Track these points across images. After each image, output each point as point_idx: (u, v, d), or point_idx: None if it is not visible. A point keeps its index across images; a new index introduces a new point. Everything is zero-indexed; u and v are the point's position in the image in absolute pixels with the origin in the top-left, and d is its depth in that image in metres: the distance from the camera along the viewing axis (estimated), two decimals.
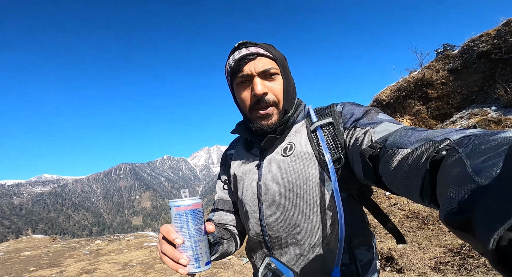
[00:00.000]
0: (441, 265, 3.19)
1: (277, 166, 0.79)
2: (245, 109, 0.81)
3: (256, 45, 0.78)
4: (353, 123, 0.71)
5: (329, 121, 0.76)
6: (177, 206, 0.59)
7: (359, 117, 0.72)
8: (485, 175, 0.25)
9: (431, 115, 10.06)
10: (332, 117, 0.77)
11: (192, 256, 0.58)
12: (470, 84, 9.04)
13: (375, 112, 0.72)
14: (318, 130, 0.76)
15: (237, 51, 0.79)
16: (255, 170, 0.84)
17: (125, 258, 5.26)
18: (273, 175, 0.79)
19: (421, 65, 11.07)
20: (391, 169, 0.51)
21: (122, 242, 7.28)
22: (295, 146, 0.78)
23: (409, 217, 4.80)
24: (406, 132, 0.54)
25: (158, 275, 3.94)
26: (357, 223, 0.78)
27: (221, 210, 0.96)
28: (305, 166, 0.74)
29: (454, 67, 9.63)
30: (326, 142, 0.74)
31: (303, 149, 0.76)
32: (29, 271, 4.60)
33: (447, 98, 9.63)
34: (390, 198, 6.44)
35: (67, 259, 5.53)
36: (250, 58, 0.76)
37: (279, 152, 0.81)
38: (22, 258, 5.77)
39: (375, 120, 0.67)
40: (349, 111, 0.76)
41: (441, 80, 9.85)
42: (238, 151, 0.96)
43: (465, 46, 9.54)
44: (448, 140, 0.41)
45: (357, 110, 0.75)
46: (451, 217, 0.26)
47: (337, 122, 0.75)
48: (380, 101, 12.26)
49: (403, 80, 11.29)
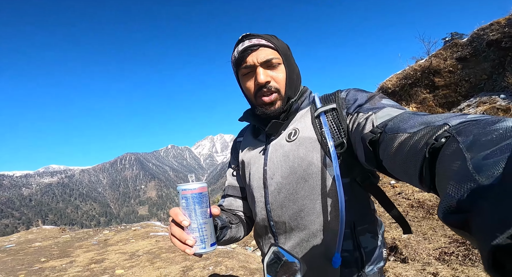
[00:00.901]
0: (445, 255, 3.19)
1: (281, 151, 0.81)
2: (251, 97, 0.85)
3: (258, 37, 0.80)
4: (356, 109, 0.72)
5: (332, 107, 0.77)
6: (184, 190, 0.62)
7: (362, 103, 0.72)
8: (486, 174, 0.24)
9: (437, 103, 9.91)
10: (336, 103, 0.78)
11: (198, 238, 0.61)
12: (479, 72, 8.85)
13: (379, 98, 0.72)
14: (322, 116, 0.78)
15: (241, 43, 0.82)
16: (261, 156, 0.87)
17: (132, 248, 5.36)
18: (278, 160, 0.81)
19: (428, 54, 10.83)
20: (390, 153, 0.51)
21: (129, 232, 7.41)
22: (299, 131, 0.80)
23: (414, 206, 4.79)
24: (407, 116, 0.54)
25: (164, 264, 4.01)
26: (361, 209, 0.78)
27: (231, 196, 0.99)
28: (308, 151, 0.76)
29: (462, 55, 9.42)
30: (329, 127, 0.75)
31: (307, 134, 0.78)
32: (40, 261, 4.72)
33: (454, 86, 9.45)
34: (395, 186, 6.42)
35: (76, 249, 5.65)
36: (253, 49, 0.79)
37: (284, 138, 0.83)
38: (33, 249, 5.91)
39: (378, 105, 0.68)
40: (353, 97, 0.76)
41: (448, 69, 9.65)
42: (246, 138, 0.99)
43: (474, 35, 9.31)
44: (447, 125, 0.41)
45: (361, 96, 0.75)
46: (449, 215, 0.26)
47: (340, 108, 0.76)
48: (385, 90, 12.08)
49: (409, 69, 11.08)
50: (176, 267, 3.86)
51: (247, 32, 0.82)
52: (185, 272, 3.61)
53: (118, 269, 3.97)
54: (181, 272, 3.64)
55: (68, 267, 4.28)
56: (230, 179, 1.03)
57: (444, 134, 0.39)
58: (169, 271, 3.71)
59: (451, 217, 0.26)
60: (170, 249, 4.96)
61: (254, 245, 5.83)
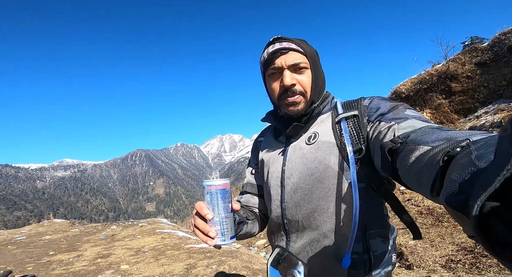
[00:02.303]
0: (452, 263, 3.10)
1: (300, 153, 0.85)
2: (274, 98, 0.87)
3: (289, 41, 0.84)
4: (378, 117, 0.74)
5: (354, 113, 0.79)
6: (209, 186, 0.67)
7: (385, 112, 0.73)
8: (484, 159, 0.28)
9: (453, 110, 9.65)
10: (358, 110, 0.79)
11: (220, 230, 0.66)
12: (499, 78, 8.58)
13: (403, 108, 0.72)
14: (343, 121, 0.80)
15: (272, 45, 0.85)
16: (280, 156, 0.91)
17: (138, 244, 5.42)
18: (296, 161, 0.85)
19: (445, 58, 10.57)
20: (408, 163, 0.51)
21: (136, 228, 7.51)
22: (318, 135, 0.83)
23: (423, 213, 4.68)
24: (430, 130, 0.54)
25: (168, 262, 4.04)
26: (374, 213, 0.79)
27: (249, 193, 1.04)
28: (326, 154, 0.79)
29: (482, 60, 9.15)
30: (349, 133, 0.77)
31: (326, 138, 0.81)
32: (49, 255, 4.83)
33: (472, 92, 9.19)
34: (405, 193, 6.29)
35: (84, 243, 5.76)
36: (282, 52, 0.82)
37: (304, 140, 0.86)
38: (43, 242, 6.06)
39: (401, 115, 0.69)
40: (375, 105, 0.78)
41: (466, 74, 9.39)
42: (267, 138, 1.04)
43: (496, 39, 9.05)
44: (468, 140, 0.41)
45: (384, 105, 0.76)
46: (451, 197, 0.29)
47: (362, 115, 0.78)
48: (399, 94, 11.86)
49: (425, 73, 10.85)
50: (180, 264, 3.88)
51: (278, 35, 0.86)
52: (188, 270, 3.62)
53: (123, 264, 4.03)
54: (184, 269, 3.66)
55: (75, 261, 4.36)
56: (249, 177, 1.07)
57: (461, 144, 0.40)
58: (173, 268, 3.73)
59: (452, 198, 0.29)
60: (175, 247, 4.99)
61: (258, 245, 5.82)
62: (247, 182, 1.07)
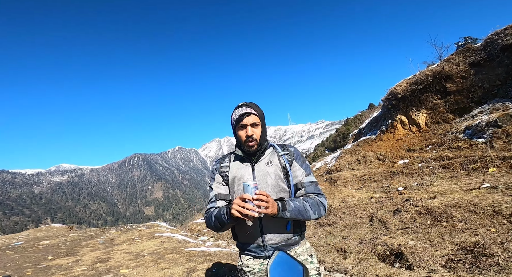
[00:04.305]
0: (452, 263, 3.11)
1: (264, 170, 1.47)
2: (241, 141, 1.46)
3: (249, 107, 1.44)
4: (298, 161, 1.53)
5: (286, 153, 1.53)
6: (247, 185, 1.19)
7: (300, 160, 1.54)
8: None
9: (449, 110, 9.72)
10: (289, 152, 1.54)
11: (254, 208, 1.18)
12: (493, 78, 8.66)
13: (307, 163, 1.58)
14: (283, 156, 1.51)
15: (240, 108, 1.44)
16: (250, 173, 1.48)
17: (137, 248, 5.40)
18: (262, 176, 1.46)
19: (440, 58, 10.66)
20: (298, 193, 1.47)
21: (134, 232, 7.48)
22: (272, 162, 1.50)
23: (422, 213, 4.70)
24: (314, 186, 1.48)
25: (168, 265, 4.03)
26: None
27: (222, 200, 1.50)
28: (278, 172, 1.47)
29: (475, 60, 9.24)
30: (287, 161, 1.50)
31: (277, 163, 1.49)
32: (47, 259, 4.79)
33: (467, 92, 9.27)
34: (403, 193, 6.31)
35: (83, 248, 5.73)
36: (247, 114, 1.41)
37: (264, 163, 1.50)
38: (41, 247, 6.02)
39: (307, 170, 1.53)
40: (297, 153, 1.56)
41: (461, 74, 9.47)
42: (234, 164, 1.55)
43: (488, 39, 9.13)
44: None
45: (299, 155, 1.56)
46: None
47: (291, 155, 1.53)
48: (395, 95, 11.93)
49: (420, 74, 10.93)
50: (180, 268, 3.87)
51: (243, 102, 1.47)
52: (188, 273, 3.61)
53: (123, 268, 4.00)
54: (184, 273, 3.64)
55: (74, 265, 4.33)
56: (218, 190, 1.54)
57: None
58: (173, 272, 3.72)
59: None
60: (175, 250, 4.97)
61: None
62: (219, 192, 1.52)
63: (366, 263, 3.77)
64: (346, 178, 9.85)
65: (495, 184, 4.87)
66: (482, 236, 3.41)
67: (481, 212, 4.03)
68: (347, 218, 6.06)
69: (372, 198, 6.63)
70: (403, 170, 8.21)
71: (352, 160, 11.76)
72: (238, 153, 1.52)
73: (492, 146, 6.72)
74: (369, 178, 9.03)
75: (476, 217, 3.98)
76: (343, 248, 4.49)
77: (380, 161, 10.39)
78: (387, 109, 12.83)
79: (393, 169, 8.69)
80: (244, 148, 1.47)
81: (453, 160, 7.05)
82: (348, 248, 4.44)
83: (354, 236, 4.97)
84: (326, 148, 36.48)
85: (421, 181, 6.81)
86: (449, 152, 7.72)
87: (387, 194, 6.65)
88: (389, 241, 4.08)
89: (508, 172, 5.42)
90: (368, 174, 9.43)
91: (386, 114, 13.08)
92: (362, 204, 6.48)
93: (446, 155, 7.58)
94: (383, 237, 4.37)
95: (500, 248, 3.04)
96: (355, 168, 10.93)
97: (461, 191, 5.08)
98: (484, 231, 3.54)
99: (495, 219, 3.77)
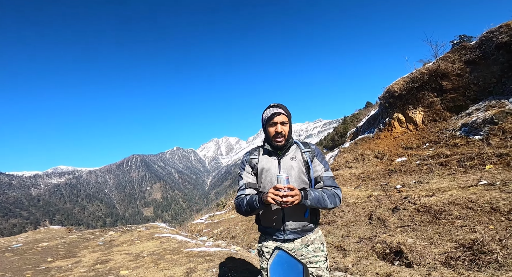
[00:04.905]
0: (451, 260, 3.14)
1: (289, 164, 1.67)
2: (270, 136, 1.66)
3: (280, 107, 1.65)
4: (318, 158, 1.72)
5: (309, 150, 1.73)
6: (281, 177, 1.40)
7: (320, 157, 1.74)
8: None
9: (445, 107, 9.77)
10: (311, 149, 1.73)
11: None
12: (488, 76, 8.71)
13: (326, 159, 1.87)
14: (305, 152, 1.70)
15: (271, 108, 1.65)
16: (276, 165, 1.68)
17: (137, 249, 5.39)
18: (287, 168, 1.66)
19: (436, 57, 10.72)
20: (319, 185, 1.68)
21: (134, 233, 7.46)
22: (296, 157, 1.69)
23: (421, 211, 4.72)
24: (332, 179, 1.69)
25: (168, 266, 4.03)
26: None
27: (251, 188, 1.70)
28: (301, 165, 1.67)
29: (471, 58, 9.29)
30: (309, 157, 1.70)
31: (300, 158, 1.69)
32: (47, 261, 4.77)
33: (463, 90, 9.32)
34: (401, 191, 6.34)
35: (82, 249, 5.71)
36: (277, 114, 1.62)
37: (289, 158, 1.69)
38: (40, 249, 5.99)
39: (326, 166, 1.72)
40: (318, 151, 1.76)
41: (457, 72, 9.52)
42: (262, 157, 1.74)
43: (483, 38, 9.18)
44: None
45: (320, 152, 1.76)
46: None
47: (312, 152, 1.72)
48: (392, 93, 11.98)
49: (416, 72, 10.98)
50: (180, 268, 3.87)
51: (273, 103, 1.68)
52: (188, 274, 3.62)
53: (123, 269, 4.00)
54: (185, 273, 3.65)
55: (74, 267, 4.32)
56: (248, 179, 1.73)
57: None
58: (173, 272, 3.72)
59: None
60: (174, 251, 4.98)
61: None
62: (248, 181, 1.72)
63: (366, 261, 3.79)
64: (344, 177, 9.89)
65: (492, 181, 4.91)
66: (481, 233, 3.43)
67: (479, 209, 4.05)
68: (346, 216, 6.08)
69: (371, 196, 6.66)
70: (401, 168, 8.25)
71: (350, 158, 11.79)
72: (267, 147, 1.72)
73: (489, 142, 6.77)
74: (368, 176, 9.06)
75: (474, 214, 4.01)
76: (343, 247, 4.51)
77: (378, 159, 10.43)
78: (384, 108, 12.88)
79: (391, 166, 8.73)
80: (272, 143, 1.67)
81: (450, 157, 7.09)
82: (348, 247, 4.46)
83: (353, 234, 4.99)
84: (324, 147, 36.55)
85: (419, 178, 6.84)
86: (446, 149, 7.77)
87: (385, 192, 6.68)
88: (388, 239, 4.11)
89: (504, 168, 5.47)
90: (366, 172, 9.47)
91: (383, 113, 13.13)
92: (361, 202, 6.51)
93: (443, 152, 7.63)
94: (382, 235, 4.40)
95: (498, 245, 3.06)
96: (354, 166, 10.97)
97: (459, 188, 5.11)
98: (482, 228, 3.57)
99: (493, 216, 3.80)
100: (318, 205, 1.52)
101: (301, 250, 1.66)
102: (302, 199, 1.44)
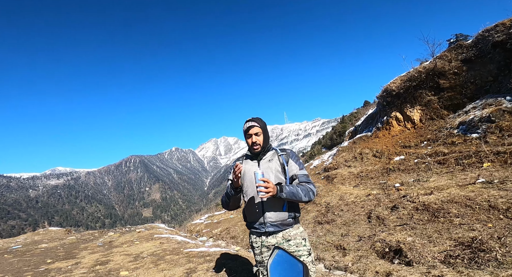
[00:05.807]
0: (451, 258, 3.16)
1: (266, 165, 1.94)
2: (249, 145, 1.97)
3: (254, 121, 1.95)
4: (293, 159, 1.97)
5: (284, 153, 1.99)
6: (257, 173, 1.67)
7: (295, 158, 1.99)
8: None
9: (443, 106, 9.81)
10: (286, 152, 2.00)
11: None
12: (485, 74, 8.75)
13: (301, 161, 2.00)
14: (281, 156, 1.97)
15: (247, 123, 1.96)
16: (257, 167, 1.97)
17: (136, 249, 5.39)
18: (265, 169, 1.91)
19: (432, 55, 10.74)
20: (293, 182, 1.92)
21: (133, 234, 7.45)
22: (273, 159, 1.96)
23: (419, 209, 4.75)
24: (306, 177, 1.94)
25: (168, 266, 4.03)
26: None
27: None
28: (277, 166, 1.93)
29: (467, 57, 9.33)
30: (284, 159, 1.95)
31: (276, 160, 1.96)
32: (46, 263, 4.76)
33: (460, 88, 9.36)
34: (400, 189, 6.37)
35: (82, 251, 5.70)
36: (252, 127, 1.94)
37: (267, 161, 1.97)
38: (39, 250, 5.97)
39: (300, 165, 1.96)
40: (292, 153, 2.00)
41: (453, 70, 9.56)
42: (245, 161, 2.05)
43: (479, 36, 9.22)
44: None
45: (294, 154, 2.01)
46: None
47: (287, 155, 1.98)
48: (389, 92, 12.01)
49: (413, 71, 11.01)
50: (180, 269, 3.87)
51: (249, 117, 1.99)
52: (188, 274, 3.62)
53: (123, 270, 4.00)
54: (185, 274, 3.65)
55: (74, 268, 4.31)
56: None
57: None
58: (173, 273, 3.72)
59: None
60: (174, 251, 4.97)
61: None
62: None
63: (365, 260, 3.81)
64: (343, 175, 9.91)
65: (490, 179, 4.94)
66: (479, 231, 3.45)
67: (477, 207, 4.08)
68: (345, 215, 6.10)
69: (370, 195, 6.68)
70: (399, 166, 8.27)
71: (349, 157, 11.82)
72: (248, 154, 2.08)
73: (486, 140, 6.80)
74: (366, 175, 9.09)
75: (472, 212, 4.03)
76: (342, 246, 4.53)
77: (376, 158, 10.46)
78: (382, 106, 12.91)
79: (390, 165, 8.76)
80: (251, 150, 2.00)
81: (448, 156, 7.12)
82: (347, 246, 4.48)
83: (352, 233, 5.01)
84: (322, 146, 36.60)
85: (417, 177, 6.87)
86: (444, 148, 7.80)
87: (384, 190, 6.70)
88: (387, 238, 4.13)
89: (502, 166, 5.50)
90: (365, 171, 9.49)
91: (381, 111, 13.16)
92: (360, 201, 6.53)
93: (441, 151, 7.66)
94: (382, 233, 4.41)
95: (497, 243, 3.08)
96: (352, 165, 10.99)
97: (457, 186, 5.14)
98: (481, 226, 3.59)
99: (491, 214, 3.82)
100: (293, 198, 1.72)
101: (283, 245, 1.82)
102: (278, 192, 1.67)
